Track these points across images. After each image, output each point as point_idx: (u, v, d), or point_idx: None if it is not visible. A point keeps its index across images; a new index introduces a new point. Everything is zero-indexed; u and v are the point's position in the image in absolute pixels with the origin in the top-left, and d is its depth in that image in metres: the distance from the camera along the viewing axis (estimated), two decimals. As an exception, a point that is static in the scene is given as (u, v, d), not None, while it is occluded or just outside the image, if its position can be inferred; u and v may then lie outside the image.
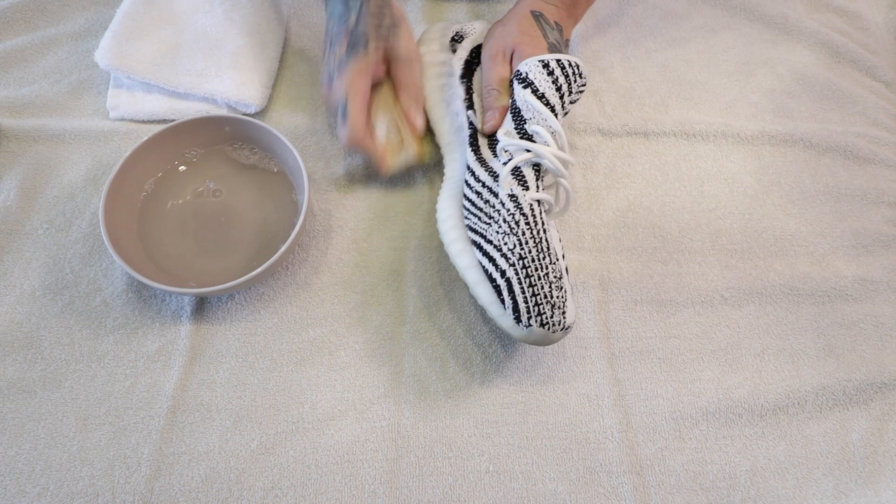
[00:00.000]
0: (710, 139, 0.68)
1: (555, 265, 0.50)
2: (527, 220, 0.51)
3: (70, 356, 0.55)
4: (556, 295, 0.49)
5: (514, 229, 0.51)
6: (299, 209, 0.57)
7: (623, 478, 0.52)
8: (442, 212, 0.57)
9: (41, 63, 0.70)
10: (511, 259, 0.50)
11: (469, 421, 0.54)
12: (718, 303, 0.59)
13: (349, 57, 0.57)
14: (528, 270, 0.49)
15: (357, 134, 0.57)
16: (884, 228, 0.64)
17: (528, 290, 0.49)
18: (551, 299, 0.49)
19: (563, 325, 0.49)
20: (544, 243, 0.51)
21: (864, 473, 0.53)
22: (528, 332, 0.49)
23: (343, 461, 0.52)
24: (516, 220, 0.51)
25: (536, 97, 0.54)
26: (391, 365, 0.56)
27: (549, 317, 0.49)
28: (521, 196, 0.52)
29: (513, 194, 0.52)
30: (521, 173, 0.54)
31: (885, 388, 0.56)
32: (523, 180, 0.53)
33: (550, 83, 0.54)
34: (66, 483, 0.51)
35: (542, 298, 0.49)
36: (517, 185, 0.53)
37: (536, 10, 0.61)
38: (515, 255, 0.50)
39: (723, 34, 0.76)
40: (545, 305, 0.49)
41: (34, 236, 0.60)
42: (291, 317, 0.58)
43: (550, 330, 0.49)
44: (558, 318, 0.49)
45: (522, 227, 0.51)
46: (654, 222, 0.63)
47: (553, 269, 0.50)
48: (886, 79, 0.74)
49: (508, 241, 0.50)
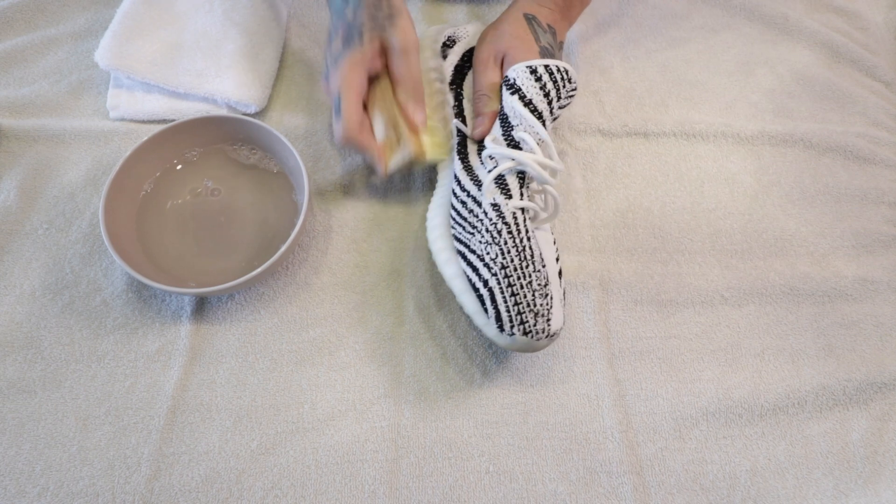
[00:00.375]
0: (710, 139, 0.68)
1: (539, 273, 0.50)
2: (509, 230, 0.51)
3: (70, 356, 0.55)
4: (539, 303, 0.49)
5: (496, 238, 0.51)
6: (299, 209, 0.57)
7: (623, 478, 0.52)
8: (431, 220, 0.57)
9: (41, 63, 0.70)
10: (493, 269, 0.50)
11: (469, 421, 0.54)
12: (718, 303, 0.59)
13: (344, 50, 0.56)
14: (511, 280, 0.49)
15: (351, 130, 0.55)
16: (884, 228, 0.64)
17: (511, 300, 0.49)
18: (534, 307, 0.49)
19: (548, 333, 0.49)
20: (528, 251, 0.51)
21: (864, 473, 0.53)
22: (512, 341, 0.50)
23: (343, 461, 0.52)
24: (498, 229, 0.51)
25: (524, 104, 0.54)
26: (391, 365, 0.56)
27: (532, 325, 0.49)
28: (504, 205, 0.52)
29: (495, 203, 0.53)
30: (504, 182, 0.53)
31: (885, 388, 0.56)
32: (506, 189, 0.53)
33: (538, 89, 0.54)
34: (66, 483, 0.51)
35: (525, 307, 0.49)
36: (500, 193, 0.53)
37: (529, 13, 0.60)
38: (497, 265, 0.50)
39: (723, 34, 0.76)
40: (528, 314, 0.49)
41: (34, 236, 0.60)
42: (291, 317, 0.58)
43: (534, 338, 0.49)
44: (542, 325, 0.49)
45: (504, 236, 0.51)
46: (654, 223, 0.63)
47: (537, 276, 0.50)
48: (886, 79, 0.74)
49: (491, 250, 0.51)
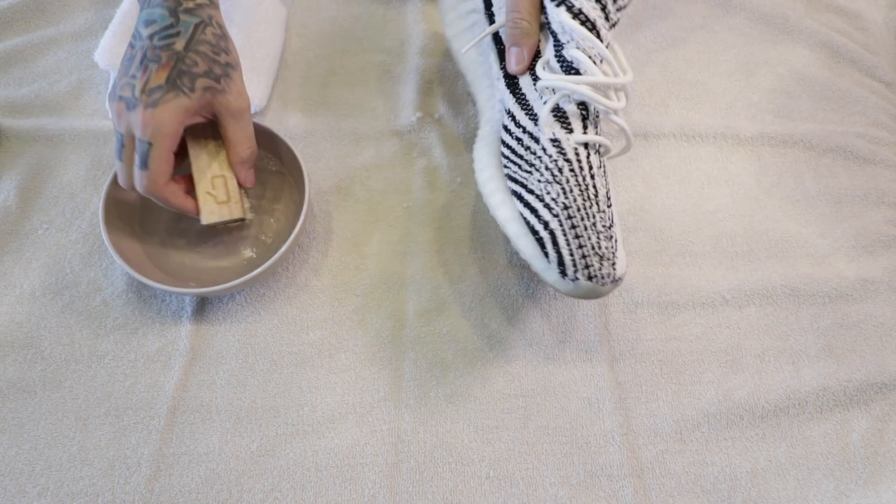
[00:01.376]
0: (710, 141, 0.68)
1: (604, 213, 0.46)
2: (571, 167, 0.47)
3: (70, 356, 0.55)
4: (604, 245, 0.46)
5: (556, 177, 0.47)
6: (299, 210, 0.56)
7: (624, 481, 0.52)
8: (479, 161, 0.52)
9: (41, 63, 0.70)
10: (555, 209, 0.46)
11: (469, 426, 0.54)
12: (719, 304, 0.59)
13: (168, 92, 0.48)
14: (574, 221, 0.45)
15: (160, 186, 0.50)
16: (884, 229, 0.64)
17: (574, 242, 0.45)
18: (599, 250, 0.45)
19: (613, 278, 0.46)
20: (591, 190, 0.46)
21: (864, 474, 0.53)
22: (576, 287, 0.46)
23: (343, 465, 0.52)
24: (559, 166, 0.47)
25: (572, 15, 0.47)
26: (391, 369, 0.56)
27: (598, 269, 0.45)
28: (565, 140, 0.47)
29: (555, 138, 0.48)
30: (563, 113, 0.48)
31: (885, 389, 0.56)
32: (566, 121, 0.48)
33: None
34: (66, 483, 0.51)
35: (590, 250, 0.45)
36: (560, 127, 0.48)
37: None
38: (559, 205, 0.46)
39: (723, 34, 0.76)
40: (593, 257, 0.45)
41: (34, 236, 0.60)
42: (292, 318, 0.57)
43: (599, 283, 0.45)
44: (608, 269, 0.45)
45: (566, 173, 0.47)
46: (656, 226, 0.63)
47: (601, 217, 0.46)
48: (886, 79, 0.74)
49: (552, 189, 0.46)
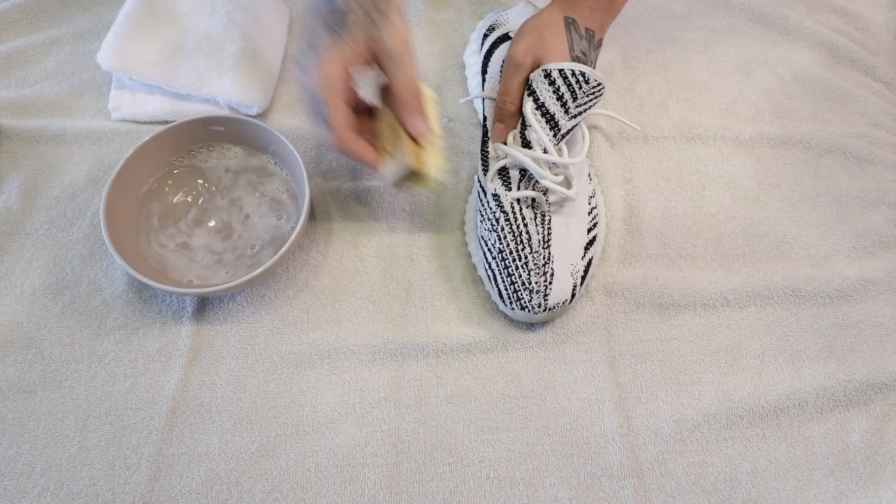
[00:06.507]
0: (710, 142, 0.68)
1: (536, 254, 0.55)
2: (507, 218, 0.56)
3: (70, 356, 0.55)
4: (535, 281, 0.55)
5: (494, 227, 0.57)
6: (300, 210, 0.56)
7: (624, 482, 0.52)
8: (468, 212, 0.63)
9: (43, 64, 0.70)
10: (493, 252, 0.57)
11: (469, 427, 0.54)
12: (720, 305, 0.59)
13: (327, 39, 0.49)
14: (507, 262, 0.56)
15: (345, 138, 0.51)
16: (884, 229, 0.64)
17: (507, 279, 0.55)
18: (529, 285, 0.55)
19: (545, 307, 0.55)
20: (525, 236, 0.56)
21: (864, 474, 0.53)
22: (513, 313, 0.56)
23: (343, 465, 0.52)
24: (496, 217, 0.57)
25: (536, 106, 0.57)
26: (391, 370, 0.56)
27: (528, 301, 0.55)
28: (504, 195, 0.57)
29: (496, 194, 0.57)
30: (506, 174, 0.58)
31: (885, 389, 0.56)
32: (507, 181, 0.58)
33: (551, 92, 0.56)
34: (66, 483, 0.51)
35: (521, 286, 0.55)
36: (501, 185, 0.58)
37: (570, 15, 0.58)
38: (496, 250, 0.56)
39: (723, 34, 0.76)
40: (523, 291, 0.55)
41: (35, 236, 0.60)
42: (292, 319, 0.58)
43: (531, 312, 0.55)
44: (538, 300, 0.55)
45: (502, 223, 0.56)
46: (657, 228, 0.63)
47: (534, 258, 0.55)
48: (886, 79, 0.74)
49: (491, 237, 0.57)
